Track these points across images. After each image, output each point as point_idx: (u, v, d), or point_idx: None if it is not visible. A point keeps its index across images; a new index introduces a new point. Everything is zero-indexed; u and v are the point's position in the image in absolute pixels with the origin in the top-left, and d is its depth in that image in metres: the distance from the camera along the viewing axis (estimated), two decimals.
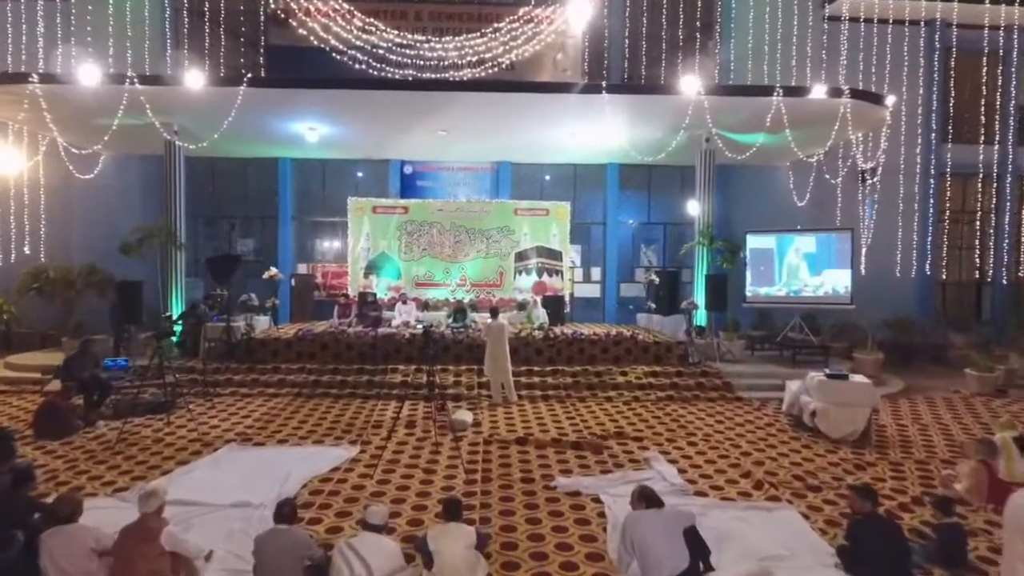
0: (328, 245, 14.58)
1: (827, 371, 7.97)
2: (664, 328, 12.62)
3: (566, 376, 10.20)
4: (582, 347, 10.85)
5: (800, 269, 11.30)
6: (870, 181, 13.27)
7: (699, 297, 11.78)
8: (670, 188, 14.64)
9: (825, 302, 11.26)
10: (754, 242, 11.74)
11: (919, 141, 14.27)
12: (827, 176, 12.98)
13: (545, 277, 13.91)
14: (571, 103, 10.14)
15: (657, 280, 11.38)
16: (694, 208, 11.93)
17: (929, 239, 14.29)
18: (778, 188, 14.23)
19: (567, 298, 13.80)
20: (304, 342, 10.65)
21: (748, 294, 11.78)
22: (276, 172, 14.13)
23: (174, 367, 10.08)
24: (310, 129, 11.73)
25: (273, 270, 10.83)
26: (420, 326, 7.19)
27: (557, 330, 11.39)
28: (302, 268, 14.26)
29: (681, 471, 6.42)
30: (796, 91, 9.88)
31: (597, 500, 5.61)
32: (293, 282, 13.12)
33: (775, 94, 9.77)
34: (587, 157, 13.87)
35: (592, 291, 14.61)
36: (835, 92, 9.85)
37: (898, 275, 14.18)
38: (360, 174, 14.54)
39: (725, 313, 11.49)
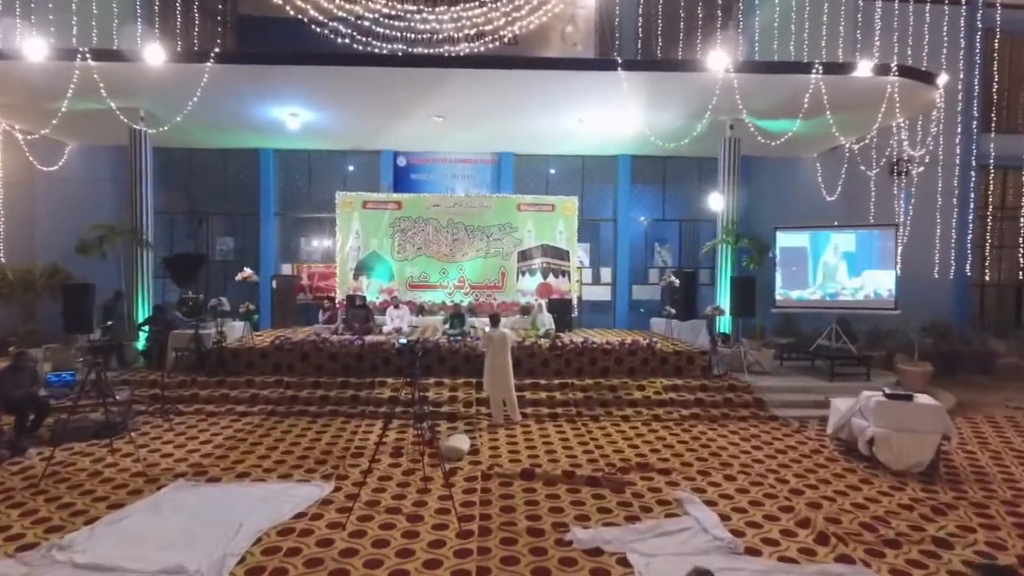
0: (315, 244, 13.42)
1: (887, 390, 6.80)
2: (680, 335, 11.50)
3: (576, 391, 9.04)
4: (593, 357, 9.69)
5: (838, 270, 10.13)
6: (913, 171, 12.05)
7: (723, 301, 10.62)
8: (687, 181, 13.49)
9: (865, 306, 10.09)
10: (785, 240, 10.57)
11: (958, 130, 13.10)
12: (862, 168, 11.79)
13: (551, 278, 12.78)
14: (582, 83, 8.99)
15: (677, 282, 10.22)
16: (717, 203, 10.76)
17: (969, 237, 13.10)
18: (804, 182, 13.10)
19: (574, 301, 12.66)
20: (282, 352, 9.50)
21: (778, 297, 10.61)
22: (258, 164, 13.00)
23: (135, 380, 9.00)
24: (291, 115, 10.61)
25: (247, 271, 9.70)
26: (401, 342, 5.91)
27: (565, 338, 10.22)
28: (286, 269, 13.12)
29: (722, 516, 5.25)
30: (838, 68, 8.72)
31: (624, 562, 4.45)
32: (274, 284, 11.98)
33: (814, 71, 8.59)
34: (597, 147, 12.72)
35: (602, 294, 13.45)
36: (882, 69, 8.67)
37: (936, 276, 13.00)
38: (349, 167, 13.41)
39: (753, 319, 10.31)
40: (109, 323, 8.37)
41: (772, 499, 5.67)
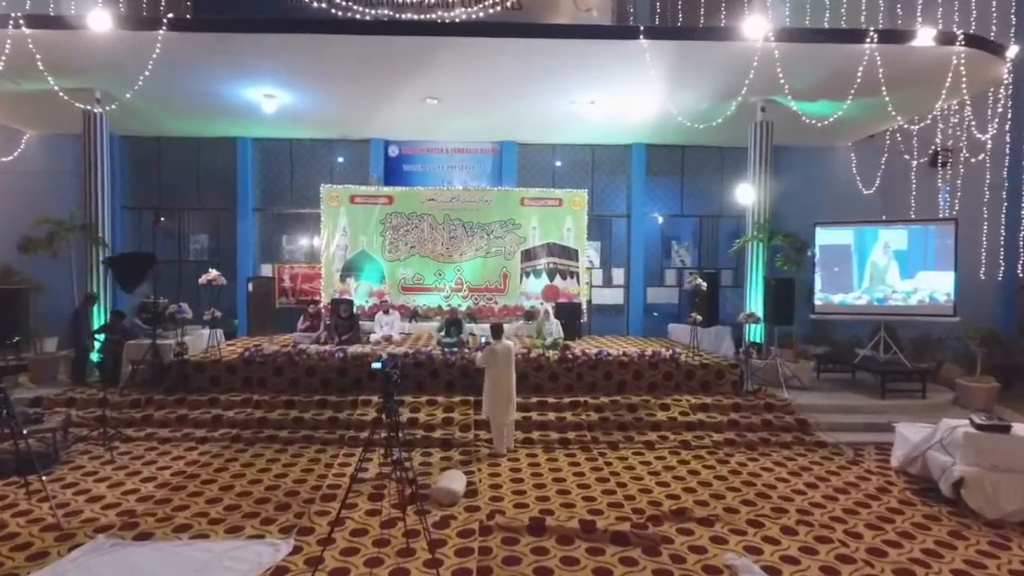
0: (298, 242, 12.21)
1: (977, 419, 5.57)
2: (701, 343, 10.29)
3: (590, 411, 7.83)
4: (609, 371, 8.48)
5: (889, 271, 8.90)
6: (965, 159, 10.81)
7: (753, 306, 9.40)
8: (707, 173, 12.27)
9: (919, 313, 8.85)
10: (825, 237, 9.35)
11: (1009, 116, 11.82)
12: (906, 157, 10.56)
13: (557, 280, 11.59)
14: (597, 55, 7.78)
15: (704, 285, 8.99)
16: (746, 195, 9.54)
17: (1022, 235, 11.85)
18: (837, 174, 11.90)
19: (584, 306, 11.45)
20: (251, 366, 8.30)
21: (817, 302, 9.38)
22: (235, 155, 11.79)
23: (82, 398, 7.81)
24: (266, 97, 9.41)
25: (212, 273, 8.49)
26: (376, 363, 4.67)
27: (576, 348, 9.00)
28: (266, 269, 11.91)
29: None
30: (895, 37, 7.47)
31: None
32: (250, 287, 10.77)
33: (868, 40, 7.37)
34: (609, 135, 11.51)
35: (614, 297, 12.24)
36: (946, 38, 7.45)
37: (983, 278, 11.75)
38: (336, 157, 12.18)
39: (791, 327, 9.08)
40: (16, 339, 7.14)
41: (848, 563, 4.45)
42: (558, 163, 12.31)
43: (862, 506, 5.50)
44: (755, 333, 9.43)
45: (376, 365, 4.66)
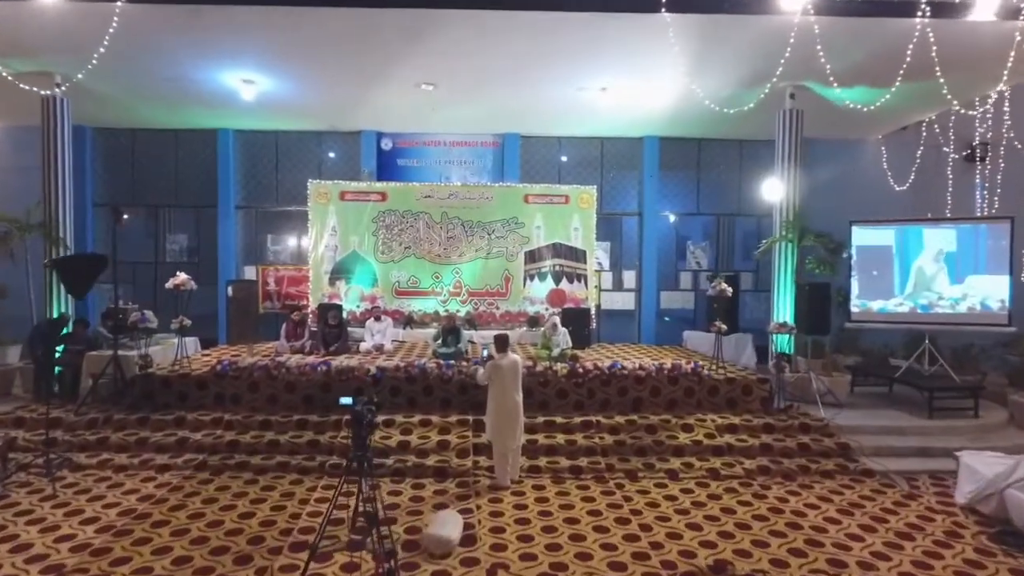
0: (284, 242, 11.33)
1: None
2: (718, 352, 9.43)
3: (603, 432, 6.96)
4: (624, 387, 7.61)
5: (938, 275, 8.01)
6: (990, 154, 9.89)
7: (782, 313, 8.52)
8: (726, 168, 11.39)
9: (969, 322, 7.95)
10: (863, 237, 8.47)
11: None
12: (946, 150, 9.68)
13: (564, 284, 10.72)
14: (612, 31, 6.90)
15: (730, 291, 8.10)
16: (773, 191, 8.66)
17: None
18: (865, 169, 11.03)
19: (592, 311, 10.57)
20: (224, 380, 7.42)
21: (854, 309, 8.50)
22: (215, 148, 10.92)
23: (31, 419, 6.95)
24: (245, 82, 8.55)
25: (180, 276, 7.61)
26: (346, 400, 3.77)
27: (587, 361, 8.13)
28: (249, 272, 11.04)
29: None
30: (950, 10, 6.58)
31: None
32: (230, 291, 9.90)
33: (919, 14, 6.49)
34: (619, 127, 10.64)
35: (624, 302, 11.36)
36: (1011, 12, 6.55)
37: None
38: (325, 151, 11.31)
39: (826, 336, 8.19)
40: None
41: None
42: (564, 158, 11.45)
43: (933, 556, 4.62)
44: (783, 343, 8.55)
45: (345, 401, 3.77)
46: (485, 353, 6.60)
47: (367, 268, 10.65)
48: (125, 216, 7.53)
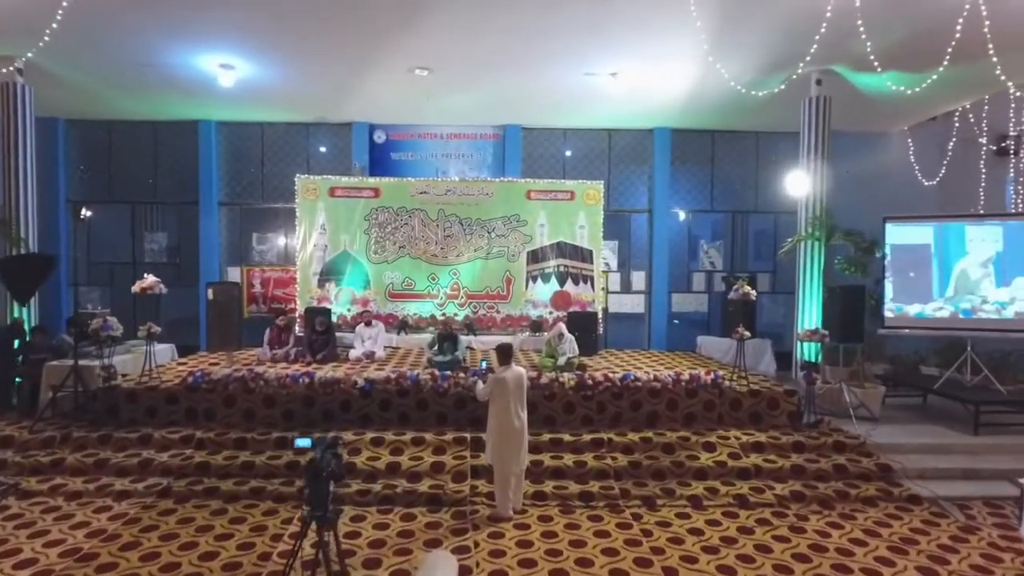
0: (270, 241, 10.62)
1: None
2: (735, 359, 8.76)
3: (615, 452, 6.26)
4: (637, 400, 6.91)
5: (984, 278, 7.30)
6: None
7: (809, 317, 7.82)
8: (742, 162, 10.68)
9: (1018, 328, 7.24)
10: (897, 235, 7.77)
11: None
12: (981, 141, 8.97)
13: (569, 285, 10.04)
14: (624, 8, 6.20)
15: (755, 294, 7.38)
16: (798, 186, 7.95)
17: None
18: (890, 162, 10.31)
19: (599, 315, 9.87)
20: (196, 393, 6.73)
21: (888, 314, 7.79)
22: (196, 140, 10.23)
23: None
24: (222, 68, 7.85)
25: (148, 279, 6.92)
26: (303, 442, 3.02)
27: (596, 371, 7.43)
28: (233, 273, 10.35)
29: None
30: None
31: None
32: (210, 294, 9.21)
33: None
34: (629, 117, 9.93)
35: (633, 305, 10.66)
36: None
37: None
38: (314, 144, 10.61)
39: (859, 345, 7.48)
40: None
41: None
42: (568, 153, 10.73)
43: None
44: (808, 351, 7.85)
45: (301, 443, 3.05)
46: (484, 365, 5.90)
47: (359, 269, 9.97)
48: (87, 212, 6.77)
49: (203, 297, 9.77)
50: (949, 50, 6.20)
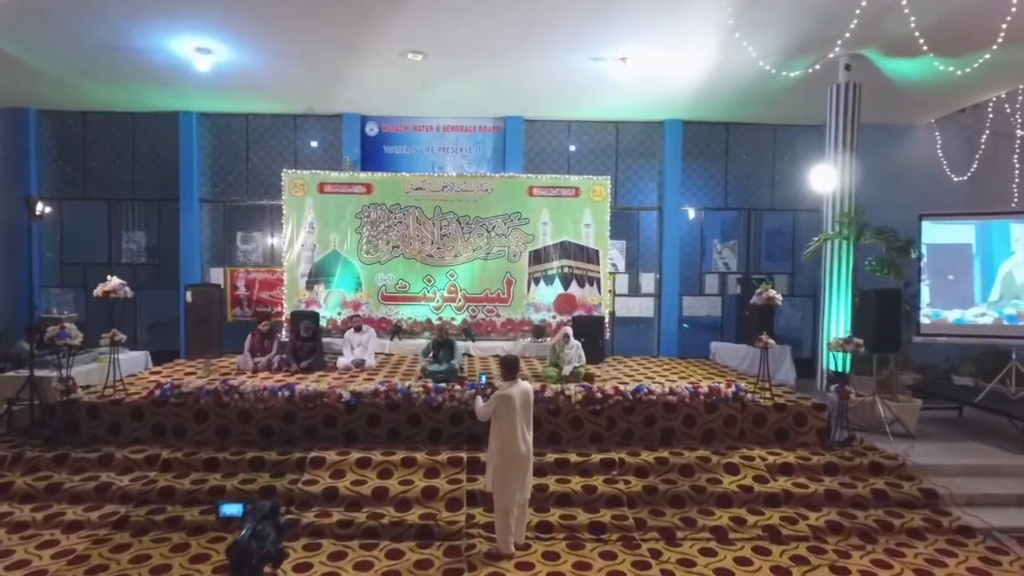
0: (256, 240, 9.98)
1: None
2: (752, 366, 8.17)
3: (628, 474, 5.64)
4: (651, 415, 6.28)
5: None
6: None
7: (837, 323, 7.19)
8: (758, 156, 10.04)
9: None
10: (935, 233, 7.14)
11: None
12: (1021, 132, 8.32)
13: (574, 288, 9.41)
14: None
15: (780, 298, 6.73)
16: (824, 180, 7.32)
17: None
18: (915, 157, 9.67)
19: (606, 320, 9.24)
20: (164, 408, 6.10)
21: (924, 320, 7.16)
22: (176, 133, 9.60)
23: None
24: (199, 52, 7.22)
25: (112, 281, 6.27)
26: (231, 510, 2.32)
27: (606, 383, 6.79)
28: (216, 274, 9.72)
29: None
30: None
31: None
32: (188, 297, 8.58)
33: None
34: (638, 108, 9.31)
35: (642, 308, 10.02)
36: None
37: None
38: (302, 136, 9.97)
39: (895, 354, 6.83)
40: None
41: None
42: (572, 147, 10.09)
43: None
44: (833, 361, 7.22)
45: (229, 510, 2.37)
46: (484, 379, 5.22)
47: (349, 270, 9.34)
48: (45, 209, 6.14)
49: (179, 303, 9.15)
50: (1003, 28, 5.56)
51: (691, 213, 10.08)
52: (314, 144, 9.98)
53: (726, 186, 10.03)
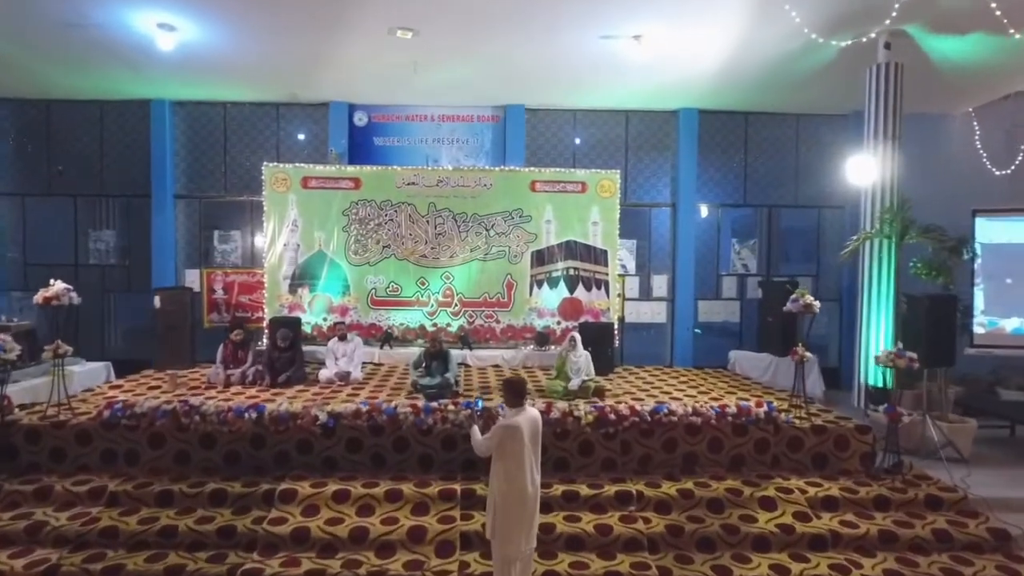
0: (234, 240, 9.21)
1: None
2: (777, 377, 7.48)
3: (649, 511, 4.87)
4: (672, 438, 5.51)
5: None
6: None
7: (878, 333, 6.42)
8: (780, 148, 9.26)
9: None
10: (990, 231, 6.37)
11: None
12: None
13: (580, 291, 8.65)
14: None
15: (818, 305, 5.92)
16: (862, 172, 6.55)
17: None
18: (952, 148, 8.88)
19: (616, 326, 8.48)
20: (115, 431, 5.33)
21: (978, 330, 6.39)
22: (148, 123, 8.83)
23: None
24: (161, 28, 6.46)
25: (56, 286, 5.48)
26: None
27: (620, 402, 6.02)
28: (191, 277, 8.96)
29: None
30: None
31: None
32: (157, 302, 7.81)
33: None
34: (651, 95, 8.56)
35: (654, 314, 9.24)
36: None
37: None
38: (284, 127, 9.19)
39: (946, 368, 6.05)
40: None
41: None
42: (577, 140, 9.32)
43: None
44: (874, 375, 6.46)
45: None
46: (480, 405, 4.38)
47: (336, 272, 8.59)
48: None
49: (143, 309, 8.38)
50: None
51: (706, 210, 9.30)
52: (301, 137, 9.23)
53: (745, 181, 9.26)
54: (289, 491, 4.87)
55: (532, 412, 3.87)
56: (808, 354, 5.83)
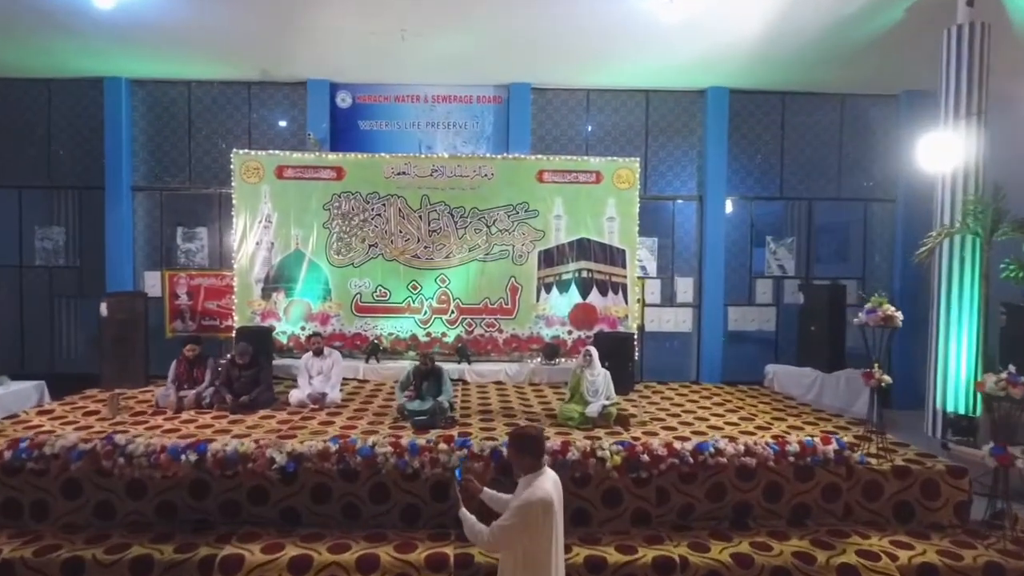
0: (201, 237, 8.11)
1: None
2: (822, 396, 6.45)
3: None
4: (719, 484, 4.41)
5: None
6: None
7: (959, 349, 5.32)
8: (822, 134, 8.17)
9: None
10: None
11: None
12: None
13: (595, 296, 7.59)
14: None
15: (901, 317, 4.79)
16: (939, 156, 5.45)
17: None
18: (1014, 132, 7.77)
19: (635, 336, 7.41)
20: (18, 477, 4.23)
21: None
22: (101, 105, 7.75)
23: None
24: None
25: None
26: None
27: (651, 436, 4.92)
28: (152, 279, 7.89)
29: None
30: None
31: None
32: (103, 310, 6.72)
33: None
34: (676, 71, 7.45)
35: (678, 322, 8.14)
36: None
37: None
38: (257, 109, 8.09)
39: None
40: None
41: None
42: (590, 128, 8.21)
43: None
44: (953, 398, 5.37)
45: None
46: (460, 474, 3.08)
47: (316, 274, 7.54)
48: None
49: (89, 320, 7.32)
50: None
51: (737, 204, 8.21)
52: (282, 124, 8.11)
53: (782, 171, 8.15)
54: (234, 558, 3.78)
55: (553, 475, 2.79)
56: (887, 377, 4.73)
